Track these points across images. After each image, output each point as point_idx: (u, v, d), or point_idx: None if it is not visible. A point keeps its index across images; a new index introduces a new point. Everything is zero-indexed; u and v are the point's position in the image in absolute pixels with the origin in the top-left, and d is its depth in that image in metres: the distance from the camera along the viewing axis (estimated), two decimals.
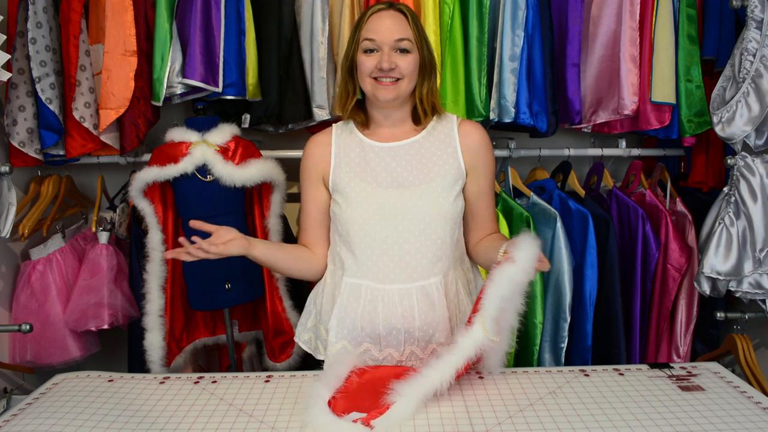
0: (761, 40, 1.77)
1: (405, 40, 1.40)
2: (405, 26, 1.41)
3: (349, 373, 1.32)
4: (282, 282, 2.00)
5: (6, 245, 2.10)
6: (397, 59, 1.39)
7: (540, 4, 2.07)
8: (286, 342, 1.99)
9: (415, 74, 1.43)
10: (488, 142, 1.51)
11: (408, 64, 1.40)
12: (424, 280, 1.42)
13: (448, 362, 1.21)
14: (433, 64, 1.46)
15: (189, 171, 1.83)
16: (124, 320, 2.06)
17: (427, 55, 1.44)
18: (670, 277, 2.14)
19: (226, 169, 1.83)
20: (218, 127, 1.90)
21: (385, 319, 1.42)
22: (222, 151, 1.85)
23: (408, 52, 1.40)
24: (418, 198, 1.42)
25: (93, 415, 1.26)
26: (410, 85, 1.43)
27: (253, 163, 1.87)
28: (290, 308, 2.01)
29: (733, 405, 1.27)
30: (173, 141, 1.87)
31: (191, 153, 1.83)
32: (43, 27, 1.93)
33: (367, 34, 1.41)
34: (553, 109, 2.12)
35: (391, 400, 1.18)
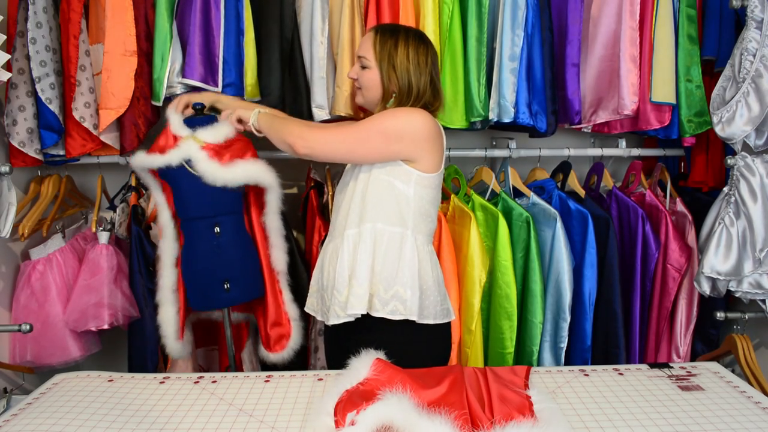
0: (761, 40, 1.77)
1: (363, 57, 1.63)
2: (368, 45, 1.62)
3: (366, 377, 1.30)
4: (284, 276, 1.99)
5: (6, 245, 2.10)
6: (358, 72, 1.66)
7: (540, 4, 2.07)
8: (282, 334, 1.98)
9: (374, 88, 1.63)
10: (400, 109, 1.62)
11: (363, 77, 1.64)
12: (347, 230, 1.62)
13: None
14: (398, 84, 1.60)
15: (174, 164, 1.81)
16: (124, 320, 2.06)
17: (386, 74, 1.60)
18: (670, 277, 2.14)
19: (209, 167, 1.79)
20: (214, 125, 1.87)
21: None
22: (209, 148, 1.81)
23: (366, 67, 1.63)
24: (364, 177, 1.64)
25: (93, 415, 1.26)
26: (369, 96, 1.65)
27: (240, 164, 1.81)
28: (290, 301, 1.98)
29: (732, 405, 1.27)
30: (169, 130, 1.86)
31: (179, 147, 1.81)
32: (43, 27, 1.93)
33: None
34: (552, 109, 2.12)
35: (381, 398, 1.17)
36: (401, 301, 1.54)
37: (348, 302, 1.55)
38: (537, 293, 2.04)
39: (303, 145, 1.57)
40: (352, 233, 1.59)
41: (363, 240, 1.56)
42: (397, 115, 1.56)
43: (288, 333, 1.96)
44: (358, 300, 1.53)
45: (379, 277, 1.55)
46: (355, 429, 1.12)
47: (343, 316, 1.56)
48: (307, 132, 1.58)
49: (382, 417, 1.13)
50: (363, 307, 1.54)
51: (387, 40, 1.61)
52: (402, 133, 1.54)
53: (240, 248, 1.96)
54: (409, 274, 1.55)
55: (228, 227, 1.94)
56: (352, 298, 1.54)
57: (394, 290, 1.55)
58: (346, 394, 1.23)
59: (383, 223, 1.56)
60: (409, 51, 1.60)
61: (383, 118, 1.56)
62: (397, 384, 1.21)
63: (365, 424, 1.12)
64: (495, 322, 2.08)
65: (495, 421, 1.17)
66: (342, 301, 1.56)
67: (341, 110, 2.08)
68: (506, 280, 2.03)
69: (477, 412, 1.21)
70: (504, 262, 2.04)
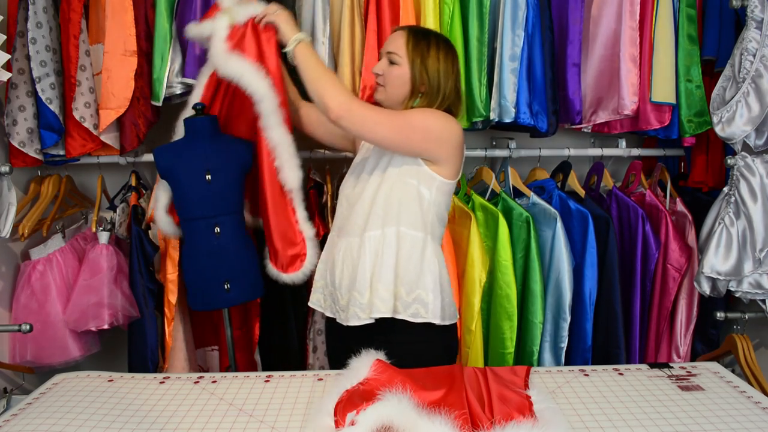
0: (761, 40, 1.77)
1: (394, 53, 1.61)
2: (400, 43, 1.61)
3: (366, 377, 1.30)
4: (297, 193, 1.84)
5: (6, 245, 2.10)
6: (384, 67, 1.63)
7: (540, 4, 2.07)
8: (297, 254, 1.86)
9: (399, 86, 1.61)
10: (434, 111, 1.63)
11: (390, 73, 1.61)
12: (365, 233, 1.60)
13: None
14: (428, 85, 1.61)
15: (204, 34, 1.73)
16: (124, 320, 2.06)
17: (419, 73, 1.60)
18: (670, 277, 2.14)
19: (216, 49, 1.68)
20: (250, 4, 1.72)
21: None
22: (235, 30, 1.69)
23: (395, 64, 1.60)
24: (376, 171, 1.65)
25: (93, 415, 1.26)
26: (392, 93, 1.62)
27: (235, 59, 1.68)
28: (304, 220, 1.85)
29: (732, 405, 1.27)
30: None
31: (214, 18, 1.72)
32: (43, 27, 1.93)
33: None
34: (553, 109, 2.12)
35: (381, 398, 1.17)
36: (423, 305, 1.56)
37: (372, 305, 1.55)
38: (537, 293, 2.04)
39: (340, 110, 1.53)
40: (374, 235, 1.57)
41: (387, 243, 1.56)
42: (438, 117, 1.58)
43: (303, 253, 1.86)
44: (382, 303, 1.54)
45: (402, 281, 1.56)
46: (355, 429, 1.12)
47: (365, 318, 1.55)
48: (348, 100, 1.55)
49: (382, 417, 1.13)
50: (388, 310, 1.54)
51: (420, 40, 1.62)
52: (442, 136, 1.56)
53: (240, 248, 1.96)
54: (431, 278, 1.58)
55: (228, 227, 1.94)
56: (377, 301, 1.55)
57: (416, 294, 1.57)
58: (346, 394, 1.23)
59: (407, 227, 1.57)
60: (440, 54, 1.62)
61: (426, 116, 1.57)
62: (397, 384, 1.21)
63: (365, 424, 1.12)
64: (495, 322, 2.08)
65: (495, 421, 1.17)
66: (364, 303, 1.56)
67: None
68: (506, 280, 2.04)
69: (477, 412, 1.21)
70: (504, 262, 2.04)
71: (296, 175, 1.80)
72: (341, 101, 1.53)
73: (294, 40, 1.63)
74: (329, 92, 1.55)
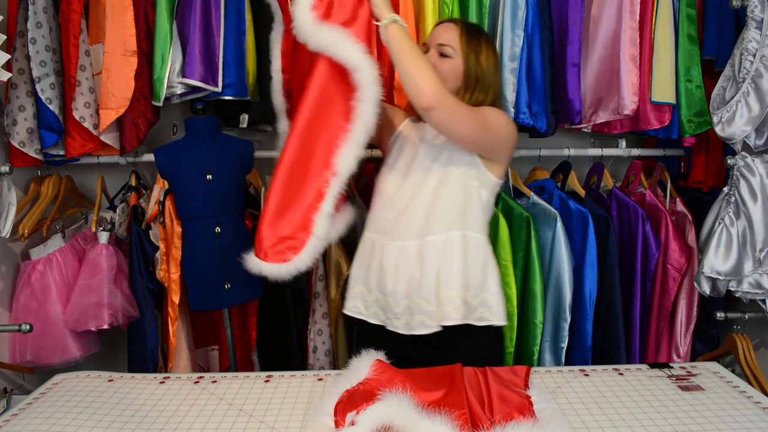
0: (761, 40, 1.77)
1: (447, 46, 1.57)
2: (452, 35, 1.58)
3: (366, 377, 1.30)
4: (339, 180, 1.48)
5: (6, 245, 2.10)
6: (435, 60, 1.57)
7: (540, 4, 2.06)
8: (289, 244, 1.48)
9: (452, 79, 1.58)
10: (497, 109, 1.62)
11: (443, 66, 1.57)
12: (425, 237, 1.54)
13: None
14: (481, 78, 1.59)
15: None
16: (124, 320, 2.06)
17: (474, 67, 1.58)
18: (670, 277, 2.14)
19: (301, 17, 1.43)
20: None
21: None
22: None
23: (448, 57, 1.57)
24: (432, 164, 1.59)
25: (93, 415, 1.26)
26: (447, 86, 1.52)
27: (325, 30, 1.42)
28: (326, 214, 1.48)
29: (732, 405, 1.27)
30: None
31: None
32: (43, 27, 1.94)
33: (425, 38, 1.63)
34: (552, 109, 2.12)
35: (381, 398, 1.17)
36: (487, 307, 1.57)
37: (443, 312, 1.52)
38: (537, 293, 2.03)
39: (435, 99, 1.41)
40: (437, 239, 1.54)
41: (453, 247, 1.54)
42: (506, 117, 1.60)
43: (298, 246, 1.47)
44: (454, 310, 1.52)
45: (469, 285, 1.55)
46: (355, 429, 1.12)
47: (434, 326, 1.53)
48: (443, 90, 1.44)
49: (382, 417, 1.13)
50: (459, 317, 1.52)
51: (473, 35, 1.60)
52: (509, 136, 1.58)
53: (240, 248, 1.96)
54: (493, 280, 1.59)
55: (228, 227, 1.95)
56: (448, 308, 1.52)
57: (482, 297, 1.57)
58: (346, 394, 1.23)
59: (472, 230, 1.57)
60: (490, 51, 1.63)
61: (497, 114, 1.57)
62: (397, 384, 1.22)
63: (365, 424, 1.12)
64: None
65: (495, 421, 1.17)
66: (432, 311, 1.52)
67: None
68: (506, 280, 2.03)
69: (477, 412, 1.21)
70: (504, 262, 2.03)
71: (351, 164, 1.47)
72: (437, 89, 1.42)
73: (389, 17, 1.47)
74: (426, 78, 1.42)
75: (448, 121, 1.47)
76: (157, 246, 2.07)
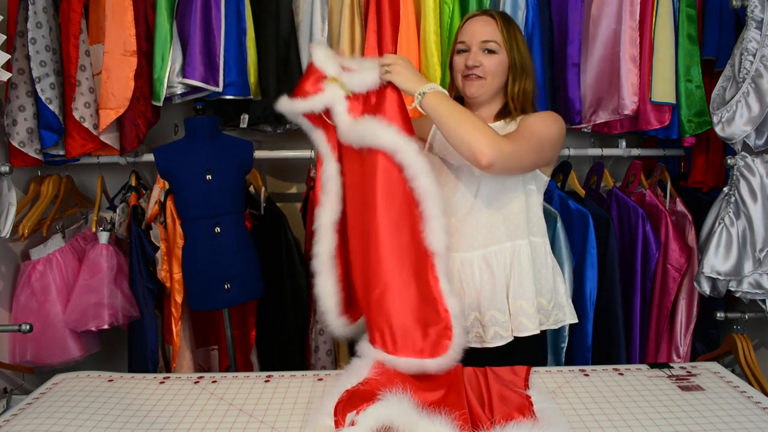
0: (761, 40, 1.77)
1: (491, 41, 1.53)
2: (493, 29, 1.54)
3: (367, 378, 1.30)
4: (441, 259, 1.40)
5: (6, 245, 2.10)
6: (482, 58, 1.53)
7: (540, 4, 2.07)
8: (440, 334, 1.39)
9: (501, 74, 1.55)
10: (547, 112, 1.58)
11: (491, 63, 1.53)
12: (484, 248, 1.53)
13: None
14: (524, 66, 1.56)
15: (317, 110, 1.50)
16: (124, 320, 2.06)
17: (518, 56, 1.55)
18: (670, 277, 2.14)
19: (343, 122, 1.46)
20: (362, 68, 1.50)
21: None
22: (354, 99, 1.48)
23: (494, 52, 1.53)
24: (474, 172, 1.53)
25: (93, 415, 1.26)
26: (494, 83, 1.55)
27: (363, 123, 1.44)
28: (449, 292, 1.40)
29: (733, 405, 1.27)
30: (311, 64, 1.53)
31: (324, 91, 1.49)
32: (43, 27, 1.94)
33: (459, 37, 1.58)
34: (553, 109, 2.12)
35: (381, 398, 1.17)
36: (560, 308, 1.59)
37: (518, 323, 1.52)
38: None
39: (492, 156, 1.34)
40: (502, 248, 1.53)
41: (521, 256, 1.53)
42: (555, 120, 1.53)
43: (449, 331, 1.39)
44: (529, 320, 1.52)
45: (542, 291, 1.56)
46: (355, 429, 1.12)
47: (508, 336, 1.53)
48: (497, 141, 1.36)
49: (382, 417, 1.13)
50: (534, 327, 1.52)
51: (509, 23, 1.56)
52: (560, 139, 1.55)
53: (240, 248, 1.96)
54: (561, 279, 1.61)
55: (228, 227, 1.95)
56: (523, 319, 1.51)
57: (556, 300, 1.59)
58: (346, 394, 1.23)
59: (535, 236, 1.57)
60: (522, 36, 1.60)
61: (548, 123, 1.51)
62: (397, 384, 1.21)
63: (365, 424, 1.12)
64: None
65: (495, 421, 1.17)
66: (506, 322, 1.52)
67: None
68: None
69: (477, 412, 1.21)
70: None
71: (442, 238, 1.39)
72: (491, 145, 1.35)
73: (419, 94, 1.41)
74: (477, 138, 1.35)
75: (510, 167, 1.43)
76: (157, 246, 2.08)
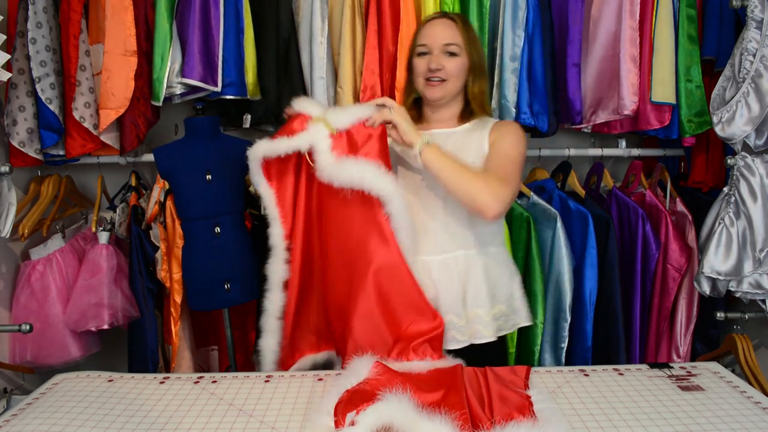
0: (761, 40, 1.77)
1: (453, 44, 1.56)
2: (454, 32, 1.57)
3: (367, 377, 1.30)
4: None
5: (6, 245, 2.10)
6: (444, 61, 1.56)
7: (540, 4, 2.07)
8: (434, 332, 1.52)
9: (462, 76, 1.59)
10: (516, 128, 1.61)
11: (454, 66, 1.56)
12: (445, 254, 1.57)
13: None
14: (483, 66, 1.61)
15: (303, 148, 1.50)
16: (124, 320, 2.06)
17: (477, 58, 1.59)
18: (670, 277, 2.14)
19: (325, 161, 1.46)
20: (346, 108, 1.56)
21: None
22: (338, 137, 1.49)
23: (455, 55, 1.56)
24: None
25: (93, 415, 1.26)
26: (456, 85, 1.59)
27: (352, 164, 1.45)
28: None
29: (733, 405, 1.27)
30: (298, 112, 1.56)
31: (308, 129, 1.50)
32: (43, 27, 1.94)
33: (420, 40, 1.61)
34: (553, 109, 2.12)
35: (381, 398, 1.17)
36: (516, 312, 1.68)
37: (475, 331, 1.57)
38: (537, 293, 2.03)
39: (495, 206, 1.42)
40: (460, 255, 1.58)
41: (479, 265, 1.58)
42: (523, 135, 1.59)
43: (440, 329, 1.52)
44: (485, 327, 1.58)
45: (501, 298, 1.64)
46: (355, 429, 1.12)
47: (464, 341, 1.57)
48: (496, 190, 1.43)
49: (382, 417, 1.13)
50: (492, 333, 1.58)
51: (467, 25, 1.60)
52: (526, 148, 1.60)
53: (240, 248, 1.96)
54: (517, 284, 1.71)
55: (228, 227, 1.95)
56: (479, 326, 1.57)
57: (513, 305, 1.67)
58: (346, 394, 1.23)
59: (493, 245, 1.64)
60: (477, 36, 1.64)
61: (518, 143, 1.56)
62: (397, 384, 1.21)
63: (365, 424, 1.12)
64: None
65: (495, 421, 1.17)
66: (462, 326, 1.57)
67: None
68: None
69: (477, 412, 1.21)
70: None
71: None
72: (494, 198, 1.42)
73: (420, 144, 1.45)
74: (480, 193, 1.42)
75: (508, 208, 1.50)
76: (157, 246, 2.07)
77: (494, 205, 1.42)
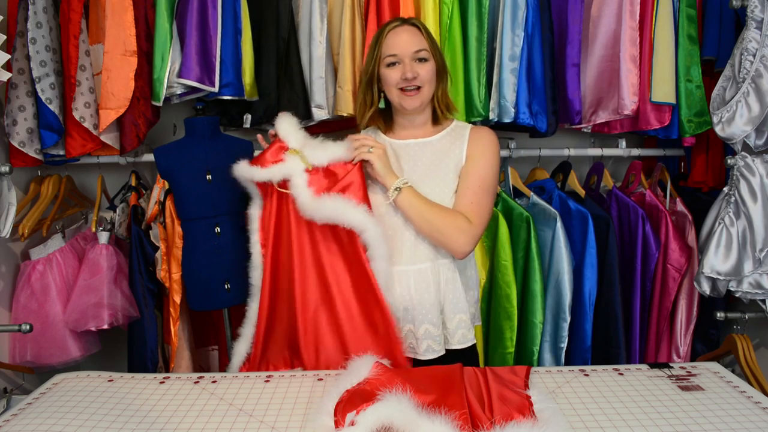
0: (761, 40, 1.77)
1: (422, 50, 1.55)
2: (420, 38, 1.56)
3: (367, 377, 1.30)
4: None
5: (6, 245, 2.10)
6: (417, 68, 1.54)
7: (540, 4, 2.07)
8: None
9: (434, 80, 1.58)
10: (492, 140, 1.61)
11: (427, 71, 1.55)
12: (420, 264, 1.55)
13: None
14: (445, 68, 1.62)
15: (275, 180, 1.56)
16: (124, 320, 2.06)
17: (440, 60, 1.59)
18: (670, 277, 2.14)
19: (302, 196, 1.53)
20: (325, 144, 1.58)
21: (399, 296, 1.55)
22: (314, 172, 1.55)
23: (425, 60, 1.55)
24: (420, 190, 1.55)
25: (93, 415, 1.26)
26: (430, 90, 1.58)
27: (327, 200, 1.50)
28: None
29: (732, 405, 1.27)
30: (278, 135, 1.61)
31: (284, 161, 1.56)
32: (43, 27, 1.94)
33: (388, 50, 1.56)
34: (553, 109, 2.12)
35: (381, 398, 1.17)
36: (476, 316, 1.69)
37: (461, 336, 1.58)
38: (537, 293, 2.04)
39: (467, 246, 1.51)
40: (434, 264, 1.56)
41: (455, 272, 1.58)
42: (497, 146, 1.60)
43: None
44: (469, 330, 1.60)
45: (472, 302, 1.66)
46: (355, 429, 1.12)
47: (440, 350, 1.57)
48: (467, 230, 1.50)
49: (382, 417, 1.13)
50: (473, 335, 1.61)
51: (426, 28, 1.60)
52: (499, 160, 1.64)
53: (240, 248, 1.96)
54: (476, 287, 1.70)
55: (228, 227, 1.95)
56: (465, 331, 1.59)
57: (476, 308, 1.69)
58: (346, 394, 1.23)
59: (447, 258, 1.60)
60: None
61: (494, 161, 1.58)
62: (397, 384, 1.21)
63: (365, 424, 1.11)
64: (495, 322, 2.08)
65: (495, 421, 1.17)
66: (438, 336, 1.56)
67: (343, 110, 2.08)
68: (506, 280, 2.04)
69: (477, 412, 1.21)
70: (504, 262, 2.04)
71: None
72: (466, 239, 1.50)
73: (395, 187, 1.51)
74: (454, 234, 1.49)
75: (477, 242, 1.56)
76: (157, 246, 2.07)
77: (465, 247, 1.51)
